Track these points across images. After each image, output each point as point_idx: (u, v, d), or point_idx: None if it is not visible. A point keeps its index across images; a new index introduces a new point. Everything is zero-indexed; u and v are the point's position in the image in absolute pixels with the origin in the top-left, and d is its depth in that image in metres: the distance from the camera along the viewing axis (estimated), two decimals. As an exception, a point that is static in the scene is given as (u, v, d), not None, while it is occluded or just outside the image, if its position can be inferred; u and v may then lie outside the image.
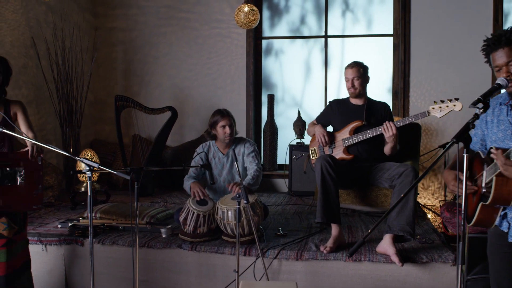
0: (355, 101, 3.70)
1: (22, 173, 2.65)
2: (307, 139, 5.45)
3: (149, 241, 3.31)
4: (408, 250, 3.10)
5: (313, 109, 5.83)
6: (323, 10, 5.77)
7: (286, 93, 5.95)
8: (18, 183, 2.64)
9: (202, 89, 5.93)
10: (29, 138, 2.63)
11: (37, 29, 5.09)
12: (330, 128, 3.88)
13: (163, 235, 3.43)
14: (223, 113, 3.66)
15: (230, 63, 5.85)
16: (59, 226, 3.68)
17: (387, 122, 3.34)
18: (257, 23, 5.06)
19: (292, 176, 5.22)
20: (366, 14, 5.72)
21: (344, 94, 5.74)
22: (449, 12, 5.32)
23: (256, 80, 5.87)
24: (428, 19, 5.38)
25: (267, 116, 5.68)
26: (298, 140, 5.36)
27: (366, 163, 3.53)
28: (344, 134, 3.61)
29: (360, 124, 3.56)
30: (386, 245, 3.01)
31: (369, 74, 3.86)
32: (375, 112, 3.63)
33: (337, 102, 3.82)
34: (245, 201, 2.84)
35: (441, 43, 5.35)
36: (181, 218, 3.32)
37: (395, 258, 2.90)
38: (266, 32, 5.95)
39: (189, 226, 3.28)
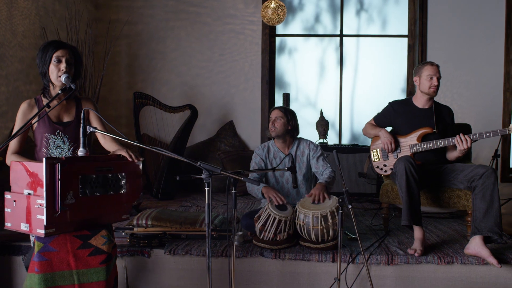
0: (420, 104, 3.59)
1: (125, 180, 2.35)
2: (333, 140, 5.38)
3: (226, 250, 3.08)
4: (493, 251, 3.08)
5: (328, 109, 5.75)
6: (338, 8, 5.71)
7: (300, 92, 5.84)
8: (122, 192, 2.34)
9: (215, 87, 5.69)
10: (130, 140, 2.34)
11: (46, 18, 4.65)
12: (388, 129, 3.77)
13: (235, 243, 3.21)
14: (275, 107, 3.64)
15: (244, 60, 5.66)
16: (110, 235, 3.35)
17: (462, 135, 3.25)
18: (285, 19, 4.92)
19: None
20: (380, 14, 5.73)
21: (358, 94, 5.75)
22: (464, 15, 5.44)
23: (270, 78, 5.71)
24: (444, 21, 5.47)
25: (282, 116, 5.52)
26: (322, 141, 5.27)
27: (433, 165, 3.48)
28: (411, 140, 3.52)
29: (430, 131, 3.48)
30: (477, 247, 2.97)
31: (383, 74, 3.79)
32: (442, 118, 3.56)
33: (399, 104, 3.70)
34: (349, 206, 2.70)
35: (457, 45, 5.46)
36: (259, 224, 3.11)
37: (492, 260, 2.87)
38: (280, 29, 5.81)
39: (268, 232, 3.08)
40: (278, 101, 5.76)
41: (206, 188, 2.26)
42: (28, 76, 4.38)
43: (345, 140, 5.76)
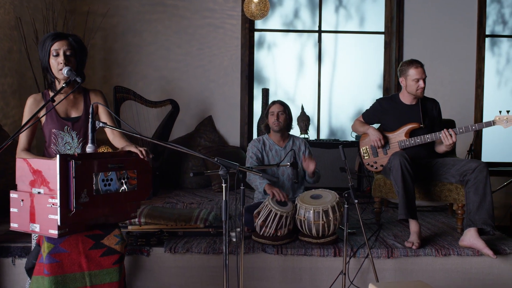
0: (407, 100, 3.63)
1: (136, 177, 2.27)
2: (312, 135, 5.40)
3: (227, 246, 3.03)
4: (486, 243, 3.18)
5: (306, 104, 5.78)
6: (317, 4, 5.74)
7: (278, 88, 5.84)
8: (133, 189, 2.26)
9: (193, 81, 5.60)
10: (144, 136, 2.26)
11: (21, 8, 4.42)
12: (375, 126, 3.82)
13: (234, 239, 3.17)
14: (275, 101, 3.69)
15: (223, 55, 5.59)
16: (103, 234, 3.23)
17: (447, 130, 3.32)
18: (268, 13, 4.89)
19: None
20: (358, 11, 5.80)
21: (336, 89, 5.80)
22: (439, 14, 5.60)
23: (249, 73, 5.67)
24: (420, 19, 5.60)
25: (262, 111, 5.52)
26: (303, 136, 5.29)
27: (424, 159, 3.56)
28: (399, 136, 3.58)
29: (417, 126, 3.54)
30: (472, 238, 3.06)
31: (361, 71, 3.85)
32: (428, 112, 3.64)
33: (386, 100, 3.75)
34: (355, 200, 2.73)
35: (432, 43, 5.61)
36: (259, 220, 3.09)
37: (488, 251, 2.97)
38: (259, 24, 5.77)
39: (269, 228, 3.06)
40: (258, 96, 5.73)
41: (224, 184, 2.21)
42: (3, 69, 4.15)
43: (324, 135, 5.81)
